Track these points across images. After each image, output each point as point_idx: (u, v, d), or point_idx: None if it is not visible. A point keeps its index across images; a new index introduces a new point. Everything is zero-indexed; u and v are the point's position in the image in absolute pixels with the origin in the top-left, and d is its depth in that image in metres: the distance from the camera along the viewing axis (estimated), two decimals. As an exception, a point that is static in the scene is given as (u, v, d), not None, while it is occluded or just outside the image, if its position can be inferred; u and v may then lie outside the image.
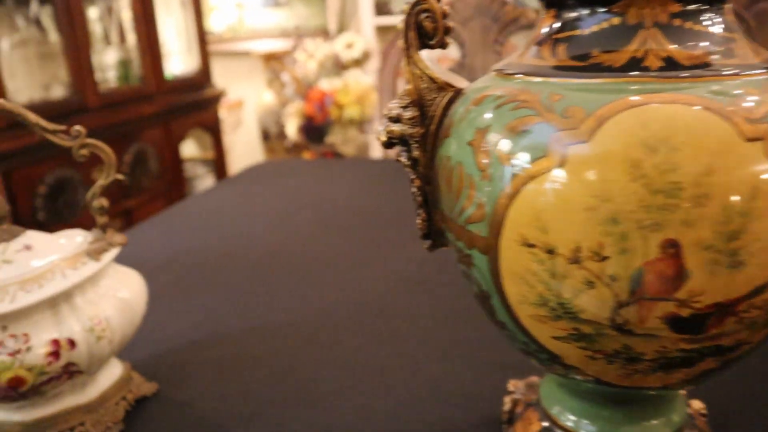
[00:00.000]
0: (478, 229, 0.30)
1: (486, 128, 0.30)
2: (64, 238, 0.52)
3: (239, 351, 0.64)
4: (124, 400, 0.55)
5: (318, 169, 1.41)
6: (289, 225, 1.01)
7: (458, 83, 0.35)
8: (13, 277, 0.46)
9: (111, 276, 0.52)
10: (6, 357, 0.45)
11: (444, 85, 0.34)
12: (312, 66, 2.39)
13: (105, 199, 0.51)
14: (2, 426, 0.51)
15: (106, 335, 0.49)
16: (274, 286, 0.78)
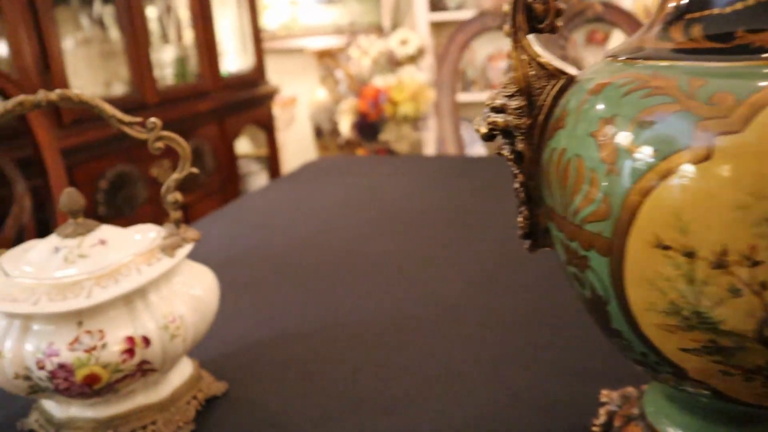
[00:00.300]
0: (598, 228, 0.28)
1: (611, 118, 0.27)
2: (137, 232, 0.51)
3: (307, 351, 0.62)
4: (195, 399, 0.54)
5: (375, 166, 1.39)
6: (350, 222, 0.99)
7: (570, 70, 0.32)
8: (88, 272, 0.45)
9: (184, 272, 0.51)
10: (82, 353, 0.44)
11: (555, 72, 0.32)
12: (366, 63, 2.38)
13: (179, 193, 0.50)
14: (75, 422, 0.50)
15: (180, 333, 0.47)
16: (338, 285, 0.76)
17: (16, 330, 0.45)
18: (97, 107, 0.47)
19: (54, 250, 0.48)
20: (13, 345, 0.45)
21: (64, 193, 0.49)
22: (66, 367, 0.44)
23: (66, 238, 0.48)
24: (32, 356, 0.45)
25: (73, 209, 0.48)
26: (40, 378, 0.45)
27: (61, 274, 0.46)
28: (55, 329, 0.45)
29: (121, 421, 0.50)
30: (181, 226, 0.50)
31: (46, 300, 0.44)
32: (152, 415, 0.51)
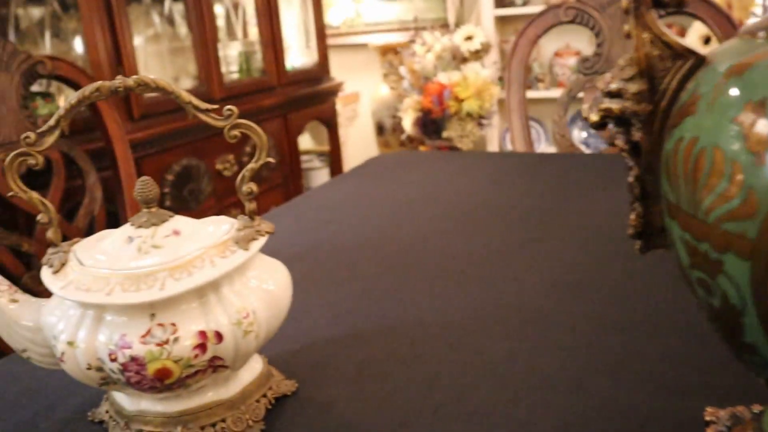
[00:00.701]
0: (739, 228, 0.24)
1: (762, 102, 0.23)
2: (210, 224, 0.49)
3: (380, 352, 0.59)
4: (265, 397, 0.52)
5: (441, 162, 1.35)
6: (419, 219, 0.97)
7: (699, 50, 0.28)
8: (162, 263, 0.44)
9: (257, 267, 0.49)
10: (154, 347, 0.43)
11: (683, 52, 0.28)
12: (430, 59, 2.34)
13: (254, 183, 0.48)
14: (145, 415, 0.49)
15: (253, 329, 0.46)
16: (410, 284, 0.73)
17: (89, 320, 0.45)
18: (173, 93, 0.45)
19: (128, 240, 0.47)
20: (86, 335, 0.44)
21: (139, 182, 0.47)
22: (138, 360, 0.43)
23: (139, 228, 0.47)
24: (105, 347, 0.44)
25: (147, 198, 0.47)
26: (112, 370, 0.44)
27: (134, 264, 0.44)
28: (128, 321, 0.44)
29: (190, 417, 0.49)
30: (255, 218, 0.48)
31: (119, 290, 0.43)
32: (222, 412, 0.49)
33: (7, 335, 0.49)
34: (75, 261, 0.46)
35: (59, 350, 0.45)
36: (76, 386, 0.59)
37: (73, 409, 0.56)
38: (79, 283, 0.44)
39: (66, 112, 0.45)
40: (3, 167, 1.22)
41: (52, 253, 0.48)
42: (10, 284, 0.50)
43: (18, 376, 0.63)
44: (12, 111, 1.25)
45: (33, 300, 0.50)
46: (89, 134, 1.43)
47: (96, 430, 0.53)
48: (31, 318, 0.49)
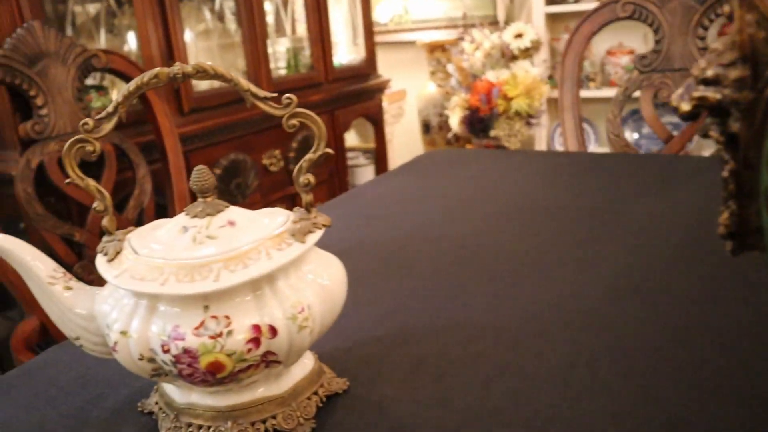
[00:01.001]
0: None
1: None
2: (266, 216, 0.48)
3: (433, 351, 0.58)
4: (316, 395, 0.51)
5: (492, 160, 1.33)
6: (471, 216, 0.94)
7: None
8: (217, 254, 0.43)
9: (313, 260, 0.48)
10: (207, 339, 0.42)
11: (793, 33, 0.25)
12: (478, 56, 2.31)
13: (312, 175, 0.47)
14: (194, 409, 0.48)
15: (308, 325, 0.44)
16: (462, 283, 0.71)
17: (142, 310, 0.44)
18: (232, 80, 0.44)
19: (182, 229, 0.46)
20: (139, 326, 0.44)
21: (195, 171, 0.47)
22: (191, 352, 0.42)
23: (195, 218, 0.46)
24: (157, 338, 0.43)
25: (203, 188, 0.46)
26: (164, 361, 0.43)
27: (189, 254, 0.44)
28: (181, 312, 0.43)
29: (240, 413, 0.48)
30: (312, 211, 0.47)
31: (173, 281, 0.42)
32: (272, 408, 0.48)
33: (60, 322, 0.49)
34: (129, 250, 0.46)
35: (112, 339, 0.44)
36: (126, 376, 0.59)
37: (122, 399, 0.56)
38: (133, 272, 0.44)
39: (124, 99, 0.45)
40: (59, 157, 1.24)
41: (107, 242, 0.47)
42: (65, 272, 0.50)
43: (69, 364, 0.63)
44: (68, 103, 1.27)
45: (87, 288, 0.50)
46: (140, 127, 1.45)
47: (145, 422, 0.52)
48: (84, 306, 0.48)
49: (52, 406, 0.56)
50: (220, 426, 0.47)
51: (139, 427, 0.51)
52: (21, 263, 0.48)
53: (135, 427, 0.52)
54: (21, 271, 0.49)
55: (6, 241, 0.48)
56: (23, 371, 0.63)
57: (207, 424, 0.48)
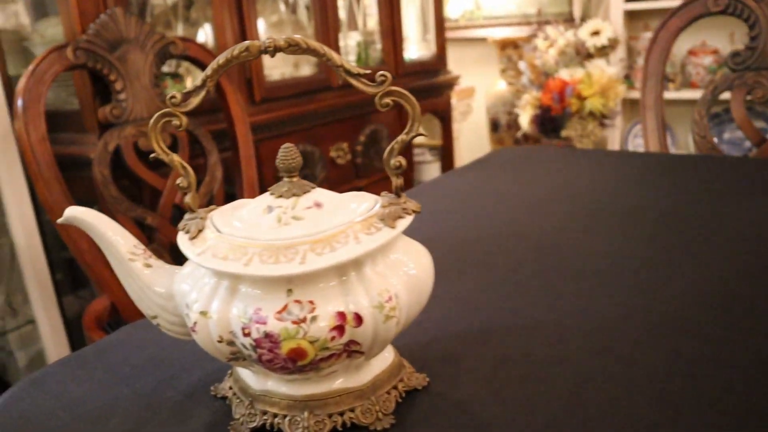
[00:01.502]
0: None
1: None
2: (353, 199, 0.46)
3: (516, 352, 0.54)
4: (395, 389, 0.48)
5: (570, 159, 1.28)
6: (552, 215, 0.90)
7: None
8: (303, 236, 0.41)
9: (400, 248, 0.45)
10: (290, 325, 0.40)
11: None
12: (552, 54, 2.25)
13: (403, 157, 0.44)
14: (270, 396, 0.47)
15: (395, 315, 0.42)
16: (545, 282, 0.68)
17: (223, 290, 0.42)
18: (325, 56, 0.42)
19: (267, 209, 0.44)
20: (220, 306, 0.42)
21: (282, 149, 0.45)
22: (272, 337, 0.40)
23: (280, 198, 0.44)
24: (238, 320, 0.41)
25: (289, 167, 0.45)
26: (244, 345, 0.41)
27: (274, 235, 0.42)
28: (264, 294, 0.41)
29: (317, 403, 0.46)
30: (401, 196, 0.45)
31: (257, 261, 0.40)
32: (351, 401, 0.46)
33: (138, 300, 0.48)
34: (212, 228, 0.44)
35: (192, 319, 0.43)
36: (199, 359, 0.58)
37: (196, 382, 0.55)
38: (215, 250, 0.42)
39: (213, 72, 0.43)
40: (135, 142, 1.26)
41: (189, 219, 0.46)
42: (145, 249, 0.49)
43: (142, 344, 0.62)
44: (145, 89, 1.29)
45: (166, 266, 0.49)
46: (213, 115, 1.46)
47: (218, 406, 0.51)
48: (163, 284, 0.47)
49: (126, 385, 0.55)
50: (296, 416, 0.45)
51: (212, 411, 0.50)
52: (103, 237, 0.47)
53: (208, 411, 0.50)
54: (102, 245, 0.48)
55: (89, 215, 0.48)
56: (97, 349, 0.63)
57: (282, 413, 0.46)
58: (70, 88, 1.42)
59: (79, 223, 0.47)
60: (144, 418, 0.50)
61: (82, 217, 0.47)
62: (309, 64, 1.90)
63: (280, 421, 0.46)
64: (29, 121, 1.12)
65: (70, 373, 0.58)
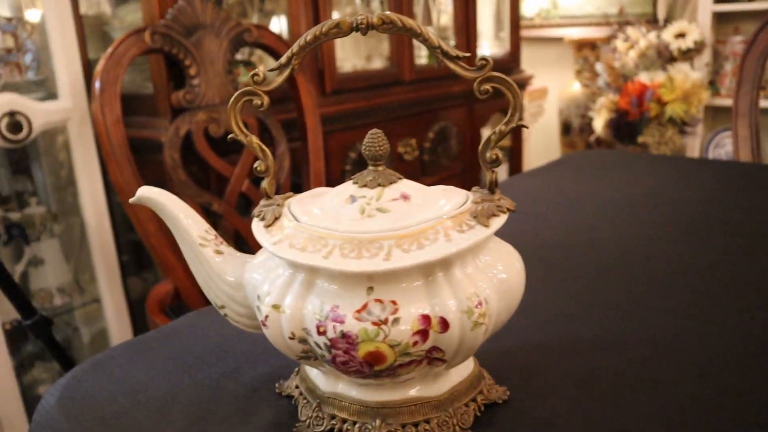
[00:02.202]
0: None
1: None
2: (442, 193, 0.42)
3: (605, 369, 0.50)
4: (474, 402, 0.44)
5: (649, 165, 1.21)
6: (637, 223, 0.84)
7: None
8: (389, 230, 0.38)
9: (491, 250, 0.41)
10: (370, 326, 0.37)
11: None
12: (632, 56, 2.15)
13: (499, 150, 0.40)
14: (340, 400, 0.44)
15: (484, 322, 0.38)
16: (634, 294, 0.63)
17: (298, 284, 0.39)
18: (421, 36, 0.39)
19: (350, 199, 0.41)
20: (294, 301, 0.39)
21: (369, 135, 0.42)
22: (350, 337, 0.37)
23: (364, 188, 0.41)
24: (313, 317, 0.38)
25: (376, 154, 0.41)
26: (318, 344, 0.38)
27: (357, 227, 0.38)
28: (342, 291, 0.38)
29: (390, 411, 0.42)
30: (495, 191, 0.41)
31: (337, 254, 0.37)
32: (426, 411, 0.42)
33: (207, 287, 0.46)
34: (290, 216, 0.41)
35: (263, 313, 0.40)
36: (264, 352, 0.55)
37: (260, 377, 0.52)
38: (293, 240, 0.39)
39: (300, 49, 0.40)
40: (206, 127, 1.26)
41: (265, 206, 0.43)
42: (216, 235, 0.47)
43: (206, 333, 0.60)
44: (218, 75, 1.28)
45: (237, 254, 0.46)
46: (284, 105, 1.45)
47: (283, 405, 0.48)
48: (233, 273, 0.45)
49: (188, 375, 0.53)
50: (367, 423, 0.42)
51: (276, 410, 0.47)
52: (174, 220, 0.45)
53: (272, 410, 0.48)
54: (172, 228, 0.46)
55: (162, 196, 0.45)
56: (160, 334, 0.61)
57: (352, 419, 0.43)
58: (145, 73, 1.43)
59: (151, 203, 0.45)
60: (205, 411, 0.48)
61: (155, 198, 0.45)
62: (381, 58, 1.87)
63: (349, 427, 0.43)
64: (105, 102, 1.13)
65: (133, 358, 0.56)
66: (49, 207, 1.42)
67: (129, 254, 1.62)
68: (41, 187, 1.44)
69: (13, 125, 1.22)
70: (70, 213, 1.43)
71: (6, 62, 1.34)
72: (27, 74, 1.37)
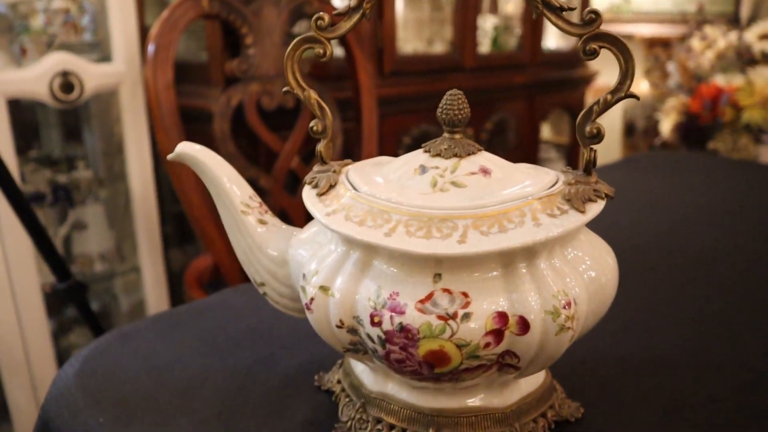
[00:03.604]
0: None
1: None
2: (528, 171, 0.36)
3: (692, 390, 0.43)
4: (544, 418, 0.38)
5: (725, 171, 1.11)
6: (720, 232, 0.76)
7: None
8: (465, 208, 0.32)
9: (582, 242, 0.34)
10: (434, 320, 0.30)
11: None
12: (709, 56, 2.03)
13: (600, 124, 0.33)
14: (388, 402, 0.38)
15: (572, 327, 0.31)
16: (725, 310, 0.55)
17: (352, 264, 0.33)
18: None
19: (419, 169, 0.35)
20: (346, 283, 0.33)
21: (448, 95, 0.36)
22: (409, 332, 0.31)
23: (436, 157, 0.35)
24: (367, 304, 0.32)
25: (454, 119, 0.35)
26: (370, 336, 0.32)
27: (426, 202, 0.32)
28: (404, 276, 0.32)
29: (446, 421, 0.36)
30: (593, 173, 0.34)
31: (402, 232, 0.31)
32: (488, 425, 0.36)
33: (246, 261, 0.40)
34: (347, 185, 0.35)
35: (308, 294, 0.34)
36: (305, 338, 0.50)
37: (297, 367, 0.47)
38: (349, 212, 0.33)
39: (373, -10, 0.34)
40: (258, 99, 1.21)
41: (319, 171, 0.37)
42: (261, 202, 0.41)
43: (242, 312, 0.55)
44: (274, 46, 1.23)
45: (284, 227, 0.40)
46: (340, 82, 1.39)
47: (321, 400, 0.42)
48: (277, 247, 0.39)
49: (219, 357, 0.48)
50: None
51: (313, 406, 0.42)
52: (215, 182, 0.40)
53: (309, 406, 0.42)
54: (213, 191, 0.40)
55: (204, 155, 0.40)
56: (194, 309, 0.57)
57: (401, 426, 0.37)
58: (200, 42, 1.39)
59: (191, 161, 0.40)
60: (233, 401, 0.42)
61: (196, 156, 0.40)
62: (442, 42, 1.80)
63: (397, 434, 0.37)
64: (158, 66, 1.09)
65: (162, 333, 0.52)
66: (97, 172, 1.40)
67: (173, 226, 1.59)
68: (90, 151, 1.42)
69: (65, 85, 1.19)
70: (117, 180, 1.41)
71: (64, 22, 1.32)
72: (83, 35, 1.34)
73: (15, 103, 1.14)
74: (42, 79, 1.13)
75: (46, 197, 1.31)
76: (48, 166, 1.35)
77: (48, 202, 1.32)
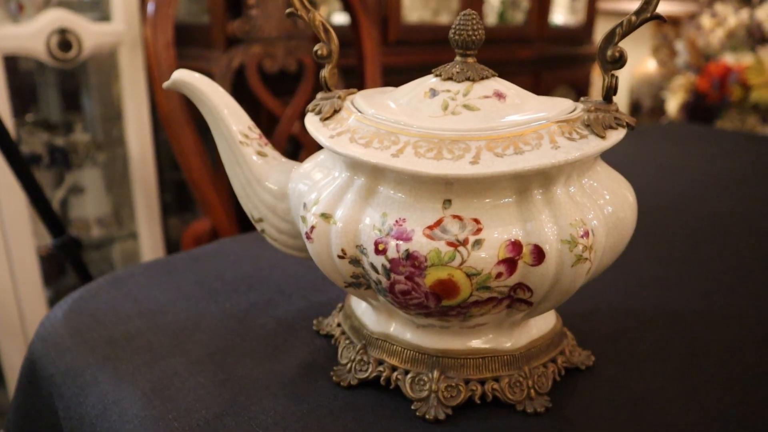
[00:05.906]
0: None
1: None
2: (544, 100, 0.34)
3: (715, 345, 0.41)
4: (554, 363, 0.36)
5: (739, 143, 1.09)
6: (734, 198, 0.74)
7: None
8: (479, 129, 0.30)
9: (600, 174, 0.33)
10: (443, 246, 0.29)
11: None
12: (718, 34, 2.00)
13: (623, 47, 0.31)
14: (391, 343, 0.36)
15: (589, 258, 0.29)
16: (738, 267, 0.53)
17: (356, 190, 0.31)
18: None
19: (429, 92, 0.33)
20: (349, 210, 0.31)
21: (461, 15, 0.33)
22: (416, 259, 0.29)
23: (448, 81, 0.33)
24: (371, 231, 0.30)
25: (467, 41, 0.33)
26: (374, 266, 0.31)
27: (437, 124, 0.30)
28: (412, 201, 0.30)
29: (452, 362, 0.34)
30: (613, 101, 0.32)
31: (410, 153, 0.29)
32: (497, 368, 0.34)
33: (244, 195, 0.38)
34: (353, 109, 0.33)
35: (309, 223, 0.32)
36: (304, 286, 0.48)
37: (295, 312, 0.45)
38: (355, 134, 0.31)
39: None
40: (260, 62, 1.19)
41: (323, 98, 0.35)
42: (261, 134, 0.39)
43: (239, 259, 0.54)
44: (278, 8, 1.20)
45: (284, 160, 0.38)
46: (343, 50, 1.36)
47: (320, 345, 0.41)
48: (276, 180, 0.37)
49: (215, 302, 0.46)
50: (422, 374, 0.34)
51: (311, 350, 0.40)
52: (213, 111, 0.38)
53: (306, 349, 0.40)
54: (211, 122, 0.38)
55: (201, 82, 0.38)
56: (190, 257, 0.55)
57: (404, 368, 0.35)
58: (202, 4, 1.36)
59: (188, 88, 0.38)
60: (229, 343, 0.41)
61: (194, 83, 0.38)
62: (448, 12, 1.77)
63: (399, 377, 0.35)
64: (158, 23, 1.06)
65: (156, 279, 0.50)
66: (95, 135, 1.38)
67: (172, 194, 1.57)
68: (89, 114, 1.39)
69: (63, 43, 1.16)
70: (116, 144, 1.38)
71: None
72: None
73: (13, 67, 1.12)
74: (39, 35, 1.11)
75: (42, 159, 1.29)
76: (46, 130, 1.32)
77: (45, 164, 1.30)
